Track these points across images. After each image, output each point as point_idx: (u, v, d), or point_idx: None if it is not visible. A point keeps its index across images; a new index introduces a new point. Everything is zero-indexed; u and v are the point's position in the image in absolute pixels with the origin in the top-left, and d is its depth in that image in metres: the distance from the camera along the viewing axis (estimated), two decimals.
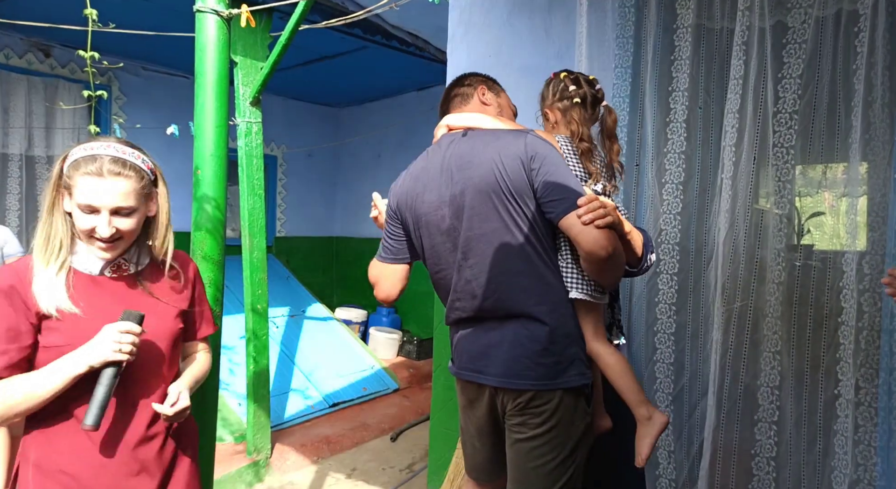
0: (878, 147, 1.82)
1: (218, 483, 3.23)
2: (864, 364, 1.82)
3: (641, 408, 1.58)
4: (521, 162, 1.48)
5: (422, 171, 1.65)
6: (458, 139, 1.62)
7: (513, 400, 1.51)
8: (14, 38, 4.57)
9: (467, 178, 1.53)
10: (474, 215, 1.51)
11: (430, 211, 1.59)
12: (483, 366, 1.53)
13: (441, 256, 1.60)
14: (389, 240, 1.71)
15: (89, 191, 1.29)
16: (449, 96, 1.80)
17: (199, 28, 1.91)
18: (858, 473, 1.82)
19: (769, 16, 1.98)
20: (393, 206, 1.70)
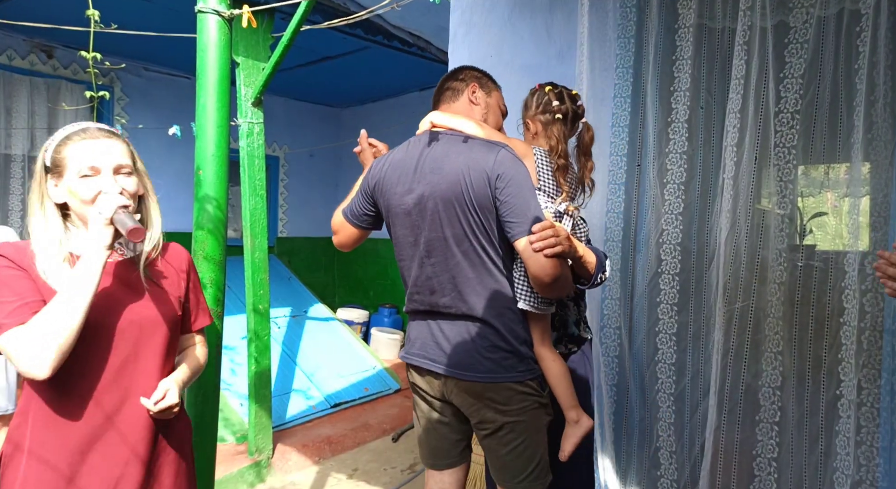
0: (881, 147, 1.81)
1: (220, 483, 3.24)
2: (866, 364, 1.81)
3: (572, 411, 1.76)
4: (487, 178, 1.55)
5: (400, 162, 1.71)
6: (438, 140, 1.68)
7: (460, 390, 1.63)
8: (17, 40, 4.58)
9: (435, 183, 1.60)
10: (438, 219, 1.60)
11: (398, 204, 1.67)
12: (436, 354, 1.65)
13: (404, 248, 1.71)
14: (358, 206, 1.81)
15: (87, 155, 1.30)
16: (442, 88, 1.83)
17: (200, 29, 1.91)
18: (861, 474, 1.81)
19: (771, 15, 1.98)
20: (370, 183, 1.77)
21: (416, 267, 1.67)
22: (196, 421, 1.96)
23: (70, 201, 1.32)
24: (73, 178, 1.29)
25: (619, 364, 2.37)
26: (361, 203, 1.81)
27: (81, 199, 1.29)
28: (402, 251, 1.72)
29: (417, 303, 1.70)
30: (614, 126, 2.35)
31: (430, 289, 1.65)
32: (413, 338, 1.74)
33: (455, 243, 1.59)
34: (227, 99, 1.99)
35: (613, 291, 2.36)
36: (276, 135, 6.46)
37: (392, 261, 6.49)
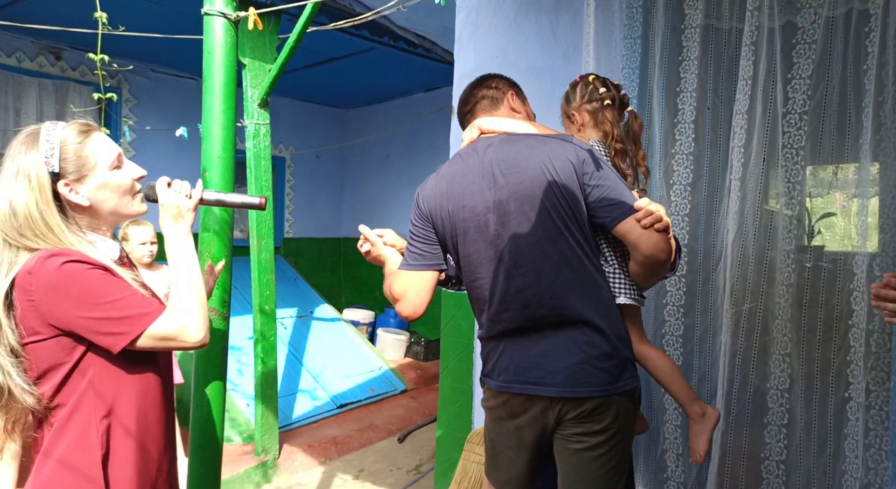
0: (889, 147, 1.80)
1: (226, 483, 3.25)
2: (874, 367, 1.80)
3: (694, 405, 1.63)
4: (573, 166, 1.44)
5: (457, 174, 1.56)
6: (497, 143, 1.55)
7: (574, 409, 1.45)
8: (26, 42, 4.61)
9: (515, 182, 1.47)
10: (524, 221, 1.46)
11: (471, 217, 1.51)
12: (538, 377, 1.46)
13: (481, 265, 1.52)
14: (419, 244, 1.59)
15: (110, 145, 1.29)
16: (475, 97, 1.71)
17: (206, 31, 1.92)
18: (869, 477, 1.80)
19: (779, 16, 1.97)
20: (423, 209, 1.60)
21: (501, 282, 1.48)
22: (202, 421, 1.98)
23: (100, 198, 1.26)
24: (104, 171, 1.26)
25: None
26: (422, 238, 1.59)
27: (122, 189, 1.28)
28: (478, 269, 1.52)
29: (507, 323, 1.50)
30: None
31: (524, 303, 1.47)
32: (506, 362, 1.51)
33: (549, 243, 1.45)
34: (233, 101, 1.99)
35: None
36: (283, 136, 6.47)
37: None
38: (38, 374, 1.18)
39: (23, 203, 1.19)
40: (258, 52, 3.38)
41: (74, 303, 1.14)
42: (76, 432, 1.18)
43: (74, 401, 1.19)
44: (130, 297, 1.19)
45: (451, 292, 2.99)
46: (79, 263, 1.16)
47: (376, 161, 6.79)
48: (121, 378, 1.22)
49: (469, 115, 1.71)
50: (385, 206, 6.63)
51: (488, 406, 1.59)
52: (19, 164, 1.21)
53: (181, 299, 1.24)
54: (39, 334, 1.16)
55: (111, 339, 1.16)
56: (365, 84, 5.96)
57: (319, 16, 3.67)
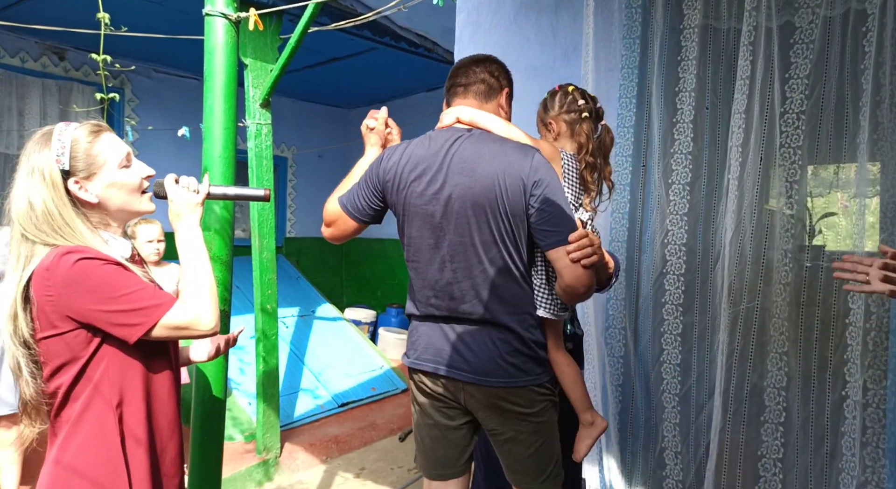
0: (887, 147, 1.81)
1: (228, 481, 3.26)
2: (871, 365, 1.81)
3: (587, 414, 1.76)
4: (523, 184, 1.50)
5: (420, 158, 1.60)
6: (465, 137, 1.59)
7: (487, 396, 1.58)
8: (29, 42, 4.64)
9: (466, 186, 1.52)
10: (466, 223, 1.53)
11: (421, 203, 1.57)
12: (453, 361, 1.59)
13: (420, 250, 1.60)
14: (361, 199, 1.67)
15: (120, 145, 1.33)
16: (474, 76, 1.69)
17: (207, 31, 1.93)
18: (866, 475, 1.81)
19: (776, 16, 1.97)
20: (382, 176, 1.64)
21: (434, 270, 1.58)
22: (203, 420, 1.99)
23: (109, 196, 1.31)
24: (113, 170, 1.30)
25: (624, 364, 2.37)
26: (367, 196, 1.67)
27: (130, 187, 1.33)
28: (417, 253, 1.62)
29: (433, 308, 1.61)
30: (619, 126, 2.35)
31: (450, 295, 1.57)
32: (424, 343, 1.64)
33: (483, 250, 1.53)
34: (234, 101, 2.01)
35: (618, 292, 2.36)
36: (285, 136, 6.49)
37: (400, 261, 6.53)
38: (56, 367, 1.23)
39: (40, 200, 1.24)
40: (260, 52, 3.39)
41: (91, 296, 1.19)
42: (95, 420, 1.24)
43: (91, 391, 1.24)
44: (144, 290, 1.24)
45: None
46: (93, 260, 1.21)
47: None
48: (134, 368, 1.28)
49: (460, 90, 1.70)
50: None
51: (410, 385, 1.72)
52: (34, 163, 1.27)
53: (194, 289, 1.30)
54: (57, 328, 1.21)
55: (127, 330, 1.22)
56: (366, 84, 5.97)
57: (321, 16, 3.68)
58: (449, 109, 1.67)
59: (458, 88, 1.70)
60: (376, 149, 1.80)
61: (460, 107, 1.66)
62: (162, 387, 1.35)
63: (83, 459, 1.23)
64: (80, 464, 1.23)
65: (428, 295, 1.61)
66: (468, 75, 1.69)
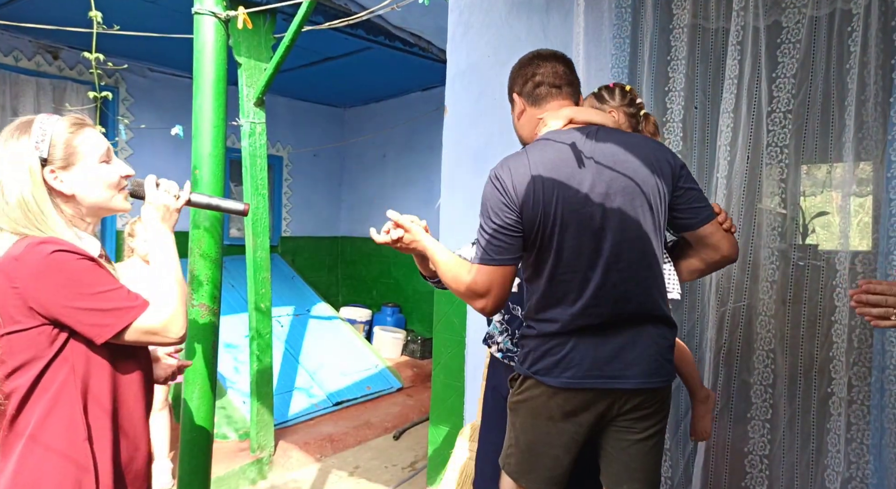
0: (871, 146, 1.82)
1: (222, 479, 3.27)
2: (856, 362, 1.83)
3: (703, 390, 1.80)
4: (672, 169, 1.49)
5: (555, 163, 1.46)
6: (594, 133, 1.49)
7: (643, 399, 1.47)
8: (23, 41, 4.63)
9: (623, 179, 1.44)
10: (629, 217, 1.44)
11: (575, 208, 1.43)
12: (616, 370, 1.45)
13: (581, 257, 1.44)
14: (504, 236, 1.45)
15: (101, 140, 1.31)
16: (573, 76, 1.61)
17: (197, 30, 1.94)
18: (851, 471, 1.83)
19: (764, 15, 1.99)
20: (514, 196, 1.44)
21: (598, 276, 1.43)
22: (192, 416, 2.00)
23: (85, 189, 1.27)
24: (92, 163, 1.27)
25: None
26: (509, 230, 1.45)
27: (108, 183, 1.30)
28: (576, 261, 1.45)
29: (592, 318, 1.45)
30: None
31: (615, 298, 1.44)
32: (576, 359, 1.45)
33: (646, 241, 1.45)
34: (224, 99, 2.01)
35: None
36: (280, 135, 6.49)
37: (396, 260, 6.56)
38: (15, 367, 1.17)
39: (16, 186, 1.20)
40: (253, 51, 3.40)
41: (62, 291, 1.15)
42: (62, 421, 1.19)
43: (56, 391, 1.19)
44: (118, 291, 1.20)
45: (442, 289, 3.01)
46: (68, 253, 1.17)
47: (373, 160, 6.81)
48: (101, 369, 1.24)
49: (554, 90, 1.58)
50: (383, 205, 6.60)
51: (536, 405, 1.51)
52: (11, 149, 1.22)
53: (166, 296, 1.25)
54: (19, 323, 1.16)
55: (97, 330, 1.18)
56: (362, 83, 5.98)
57: (315, 15, 3.69)
58: (558, 113, 1.54)
59: (553, 90, 1.58)
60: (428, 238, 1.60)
61: (568, 109, 1.56)
62: (129, 391, 1.30)
63: (45, 470, 1.17)
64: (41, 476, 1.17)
65: (587, 305, 1.44)
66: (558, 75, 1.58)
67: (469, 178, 2.86)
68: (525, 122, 1.62)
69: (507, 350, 1.94)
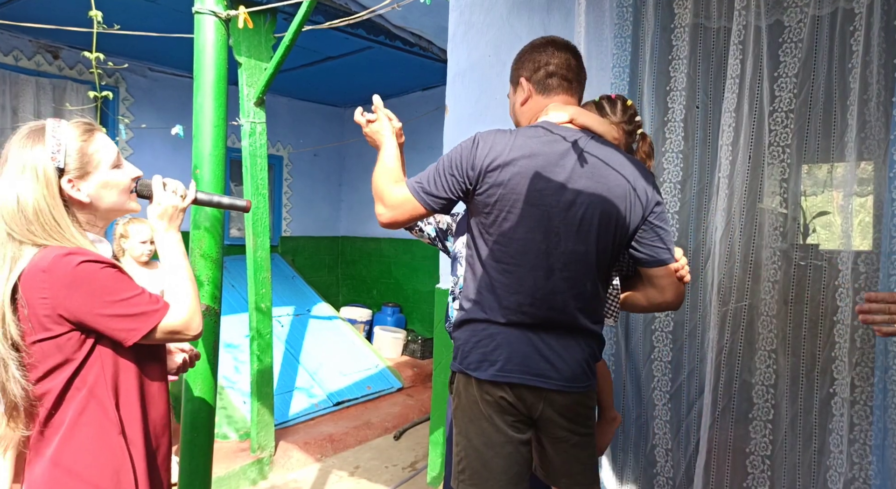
0: (874, 145, 1.82)
1: (222, 480, 3.27)
2: (859, 362, 1.82)
3: (612, 410, 1.85)
4: (647, 198, 1.48)
5: (538, 152, 1.43)
6: (586, 140, 1.48)
7: (571, 402, 1.50)
8: (23, 40, 4.63)
9: (595, 191, 1.43)
10: (589, 231, 1.44)
11: (538, 203, 1.42)
12: (542, 370, 1.47)
13: (526, 253, 1.44)
14: (440, 187, 1.45)
15: (111, 145, 1.32)
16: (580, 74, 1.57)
17: (197, 29, 1.93)
18: (854, 472, 1.82)
19: (766, 15, 1.99)
20: (475, 163, 1.43)
21: (538, 277, 1.44)
22: (192, 416, 1.99)
23: (101, 196, 1.29)
24: (105, 170, 1.30)
25: (615, 362, 2.38)
26: (448, 183, 1.45)
27: (122, 187, 1.32)
28: (519, 256, 1.45)
29: (525, 316, 1.46)
30: None
31: (551, 304, 1.45)
32: (507, 354, 1.47)
33: (596, 259, 1.46)
34: (225, 99, 2.01)
35: None
36: (280, 134, 6.49)
37: (396, 260, 6.56)
38: (47, 370, 1.21)
39: (31, 198, 1.21)
40: (254, 50, 3.39)
41: (91, 300, 1.19)
42: (93, 424, 1.24)
43: (86, 394, 1.24)
44: (141, 295, 1.25)
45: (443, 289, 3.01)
46: (94, 263, 1.20)
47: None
48: (128, 369, 1.29)
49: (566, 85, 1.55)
50: None
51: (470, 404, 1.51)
52: (25, 159, 1.22)
53: (183, 295, 1.31)
54: (50, 331, 1.19)
55: (125, 334, 1.23)
56: (362, 83, 5.97)
57: (315, 15, 3.69)
58: (563, 108, 1.51)
59: (564, 83, 1.55)
60: (393, 139, 1.65)
61: (575, 109, 1.53)
62: (153, 386, 1.36)
63: (83, 462, 1.23)
64: (80, 467, 1.23)
65: (521, 302, 1.45)
66: (570, 69, 1.55)
67: None
68: (528, 108, 1.59)
69: None
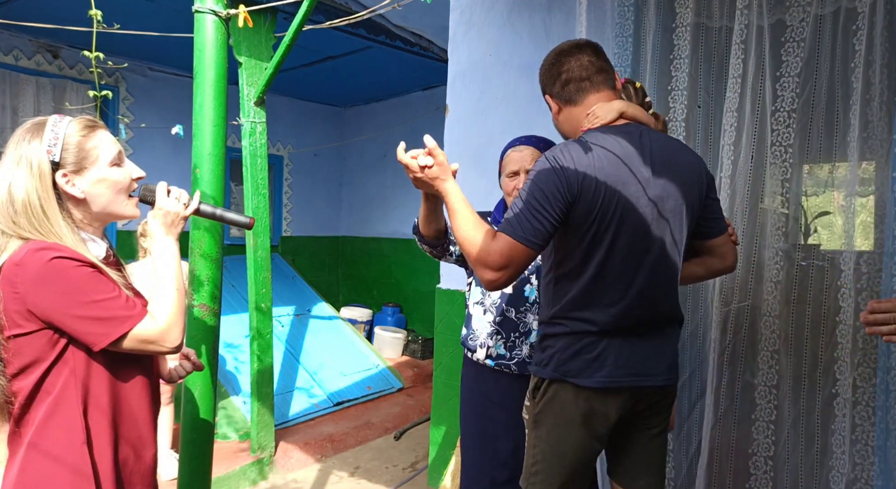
0: (877, 145, 1.81)
1: (222, 480, 3.26)
2: (861, 363, 1.81)
3: None
4: (707, 179, 1.54)
5: (618, 156, 1.41)
6: (647, 132, 1.48)
7: (661, 396, 1.53)
8: (23, 40, 4.62)
9: (672, 180, 1.44)
10: (676, 221, 1.45)
11: (633, 206, 1.41)
12: (647, 368, 1.46)
13: (629, 257, 1.41)
14: (545, 220, 1.36)
15: (112, 143, 1.30)
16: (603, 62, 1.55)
17: (197, 28, 1.93)
18: (856, 472, 1.81)
19: (768, 14, 1.98)
20: (572, 182, 1.37)
21: (642, 278, 1.42)
22: (192, 417, 1.99)
23: (96, 193, 1.27)
24: (103, 167, 1.28)
25: None
26: (550, 216, 1.37)
27: (119, 186, 1.30)
28: (618, 264, 1.41)
29: (627, 319, 1.43)
30: None
31: (653, 301, 1.44)
32: (613, 359, 1.42)
33: (680, 246, 1.47)
34: (224, 98, 2.00)
35: None
36: (281, 134, 6.48)
37: (396, 260, 6.55)
38: (19, 368, 1.19)
39: (23, 190, 1.19)
40: (254, 50, 3.39)
41: (59, 298, 1.15)
42: (62, 424, 1.20)
43: (58, 394, 1.20)
44: (115, 299, 1.20)
45: (444, 289, 3.00)
46: (68, 260, 1.16)
47: (374, 160, 6.80)
48: (99, 374, 1.24)
49: (584, 84, 1.52)
50: (383, 205, 6.64)
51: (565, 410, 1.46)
52: (21, 152, 1.22)
53: (165, 305, 1.26)
54: (22, 328, 1.17)
55: (93, 338, 1.18)
56: (362, 83, 5.97)
57: (315, 14, 3.68)
58: (609, 106, 1.49)
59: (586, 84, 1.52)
60: (455, 183, 1.48)
61: (618, 103, 1.51)
62: (131, 395, 1.30)
63: (48, 471, 1.19)
64: (45, 474, 1.19)
65: (630, 305, 1.42)
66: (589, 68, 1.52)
67: (471, 178, 2.85)
68: (564, 120, 1.58)
69: (500, 356, 1.89)
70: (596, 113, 1.49)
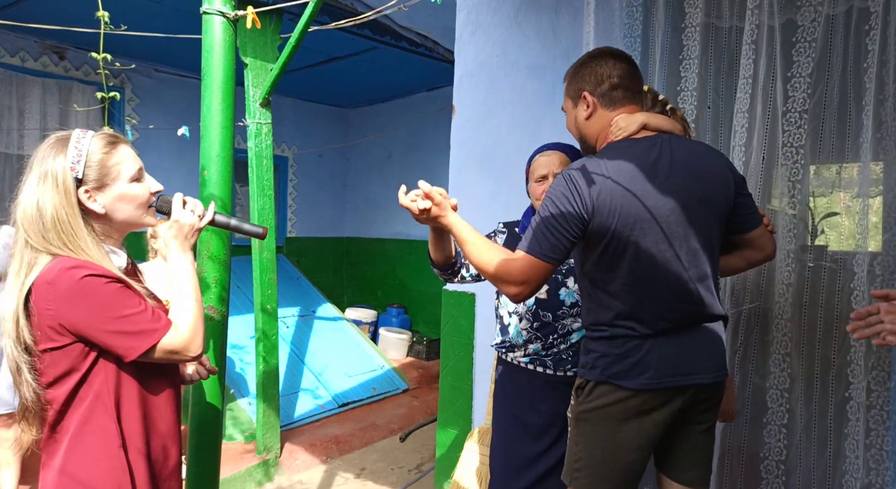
0: (890, 146, 1.79)
1: (228, 481, 3.26)
2: (875, 366, 1.79)
3: None
4: (734, 176, 1.56)
5: (640, 171, 1.45)
6: (668, 140, 1.51)
7: (710, 393, 1.54)
8: (29, 41, 4.63)
9: (698, 186, 1.48)
10: (702, 225, 1.48)
11: (657, 215, 1.44)
12: (692, 367, 1.49)
13: (657, 265, 1.45)
14: (563, 238, 1.42)
15: (134, 159, 1.34)
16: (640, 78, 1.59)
17: (205, 30, 1.92)
18: (870, 478, 1.79)
19: (779, 14, 1.96)
20: (586, 202, 1.42)
21: (674, 280, 1.46)
22: (200, 419, 1.98)
23: (116, 209, 1.31)
24: (123, 184, 1.31)
25: None
26: (567, 232, 1.43)
27: (139, 202, 1.34)
28: (648, 271, 1.45)
29: (666, 322, 1.47)
30: None
31: (687, 302, 1.48)
32: (657, 361, 1.46)
33: (713, 247, 1.51)
34: (232, 99, 1.99)
35: None
36: (286, 135, 6.48)
37: (401, 261, 6.54)
38: (55, 377, 1.24)
39: (51, 206, 1.24)
40: (260, 51, 3.38)
41: (93, 315, 1.21)
42: (98, 431, 1.26)
43: (91, 401, 1.26)
44: (143, 313, 1.26)
45: (450, 291, 2.99)
46: (97, 277, 1.22)
47: (379, 160, 6.79)
48: (129, 381, 1.30)
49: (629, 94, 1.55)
50: (388, 206, 6.63)
51: (612, 410, 1.49)
52: (47, 168, 1.26)
53: (186, 318, 1.32)
54: (55, 342, 1.22)
55: (123, 351, 1.24)
56: (367, 84, 5.96)
57: (321, 15, 3.68)
58: (633, 118, 1.53)
59: (629, 94, 1.56)
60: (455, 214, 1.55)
61: (641, 115, 1.54)
62: (158, 399, 1.37)
63: (86, 470, 1.25)
64: (83, 475, 1.25)
65: (661, 311, 1.47)
66: (633, 79, 1.57)
67: (477, 179, 2.84)
68: (594, 122, 1.58)
69: (535, 352, 1.90)
70: (619, 124, 1.52)
